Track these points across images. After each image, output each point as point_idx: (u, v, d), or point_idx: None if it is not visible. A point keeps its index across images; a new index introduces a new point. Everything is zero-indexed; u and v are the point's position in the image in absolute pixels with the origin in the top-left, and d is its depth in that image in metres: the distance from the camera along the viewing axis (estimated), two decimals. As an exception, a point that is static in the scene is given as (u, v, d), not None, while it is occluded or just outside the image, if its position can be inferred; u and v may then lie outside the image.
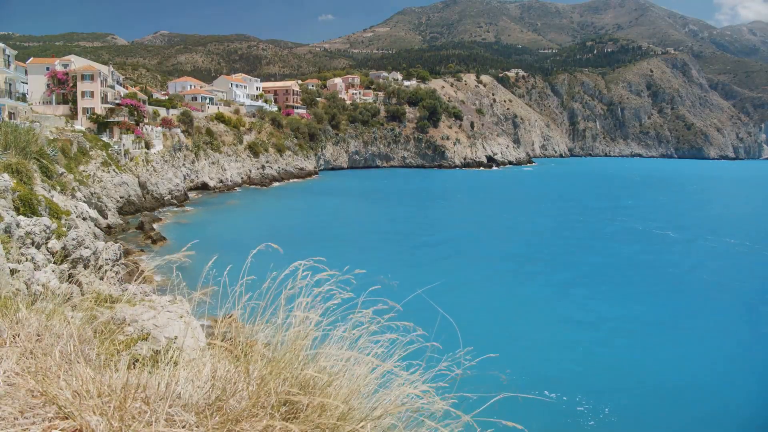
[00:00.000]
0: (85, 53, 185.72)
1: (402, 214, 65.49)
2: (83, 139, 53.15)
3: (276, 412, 2.71)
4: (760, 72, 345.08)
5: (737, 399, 21.17)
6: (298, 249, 36.07)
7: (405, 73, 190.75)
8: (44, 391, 2.47)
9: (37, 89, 62.47)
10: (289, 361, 3.01)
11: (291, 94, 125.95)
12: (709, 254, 46.71)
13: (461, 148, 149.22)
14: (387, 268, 36.55)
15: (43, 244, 18.00)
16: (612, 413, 19.09)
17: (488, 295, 33.26)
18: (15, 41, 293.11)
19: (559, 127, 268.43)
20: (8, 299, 3.97)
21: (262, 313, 3.34)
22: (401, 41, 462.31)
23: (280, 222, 57.29)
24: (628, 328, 28.17)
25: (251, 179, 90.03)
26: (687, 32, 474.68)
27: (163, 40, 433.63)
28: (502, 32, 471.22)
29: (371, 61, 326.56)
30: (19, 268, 13.30)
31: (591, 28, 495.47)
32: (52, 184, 35.37)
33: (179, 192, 65.36)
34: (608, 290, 35.01)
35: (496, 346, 24.25)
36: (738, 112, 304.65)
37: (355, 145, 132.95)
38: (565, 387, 20.78)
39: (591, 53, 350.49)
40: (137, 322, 6.63)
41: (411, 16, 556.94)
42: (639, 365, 23.73)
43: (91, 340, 3.58)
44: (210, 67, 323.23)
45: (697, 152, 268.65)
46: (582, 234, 54.50)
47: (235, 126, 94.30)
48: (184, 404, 2.68)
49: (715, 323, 29.31)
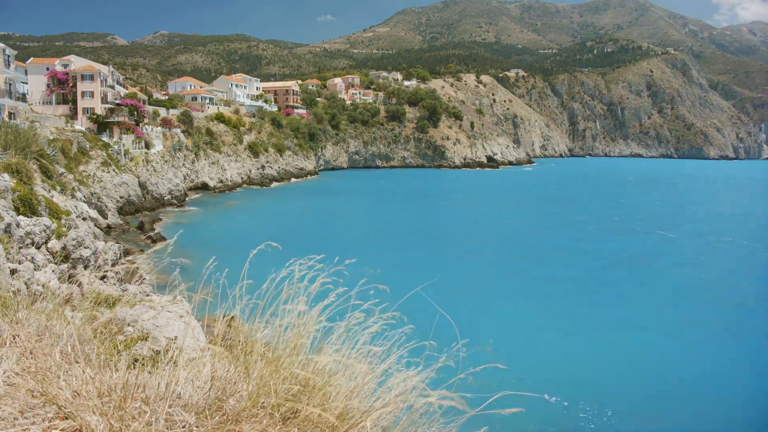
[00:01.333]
0: (85, 53, 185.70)
1: (402, 214, 65.49)
2: (83, 139, 53.15)
3: (276, 412, 2.71)
4: (760, 72, 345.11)
5: (739, 399, 21.16)
6: (298, 249, 36.03)
7: (405, 73, 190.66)
8: (44, 391, 2.48)
9: (37, 89, 62.42)
10: (289, 360, 3.02)
11: (291, 94, 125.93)
12: (709, 254, 46.72)
13: (461, 148, 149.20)
14: (387, 268, 36.58)
15: (43, 244, 18.00)
16: (613, 414, 19.09)
17: (488, 295, 33.26)
18: (15, 41, 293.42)
19: (559, 127, 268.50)
20: (8, 299, 3.97)
21: (261, 313, 3.35)
22: (401, 41, 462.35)
23: (280, 222, 57.29)
24: (629, 328, 28.16)
25: (251, 179, 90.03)
26: (687, 32, 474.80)
27: (163, 40, 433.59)
28: (502, 32, 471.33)
29: (371, 62, 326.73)
30: (19, 268, 13.31)
31: (591, 28, 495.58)
32: (52, 184, 35.36)
33: (179, 192, 65.36)
34: (609, 291, 35.00)
35: (495, 344, 24.26)
36: (738, 112, 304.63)
37: (355, 145, 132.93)
38: (566, 387, 20.77)
39: (591, 53, 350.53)
40: (137, 322, 6.63)
41: (411, 16, 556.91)
42: (639, 366, 23.72)
43: (91, 340, 3.58)
44: (210, 67, 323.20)
45: (697, 152, 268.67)
46: (583, 234, 54.49)
47: (235, 126, 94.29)
48: (184, 404, 2.68)
49: (723, 322, 29.30)
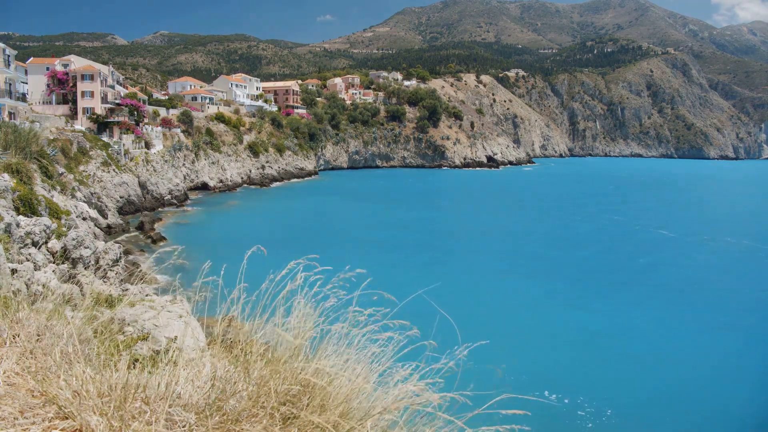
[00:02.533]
0: (85, 53, 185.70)
1: (402, 215, 65.47)
2: (83, 139, 53.15)
3: (276, 412, 2.71)
4: (760, 72, 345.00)
5: (740, 400, 21.15)
6: (298, 249, 36.05)
7: (405, 73, 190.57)
8: (44, 391, 2.48)
9: (37, 89, 62.42)
10: (289, 361, 3.02)
11: (291, 94, 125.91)
12: (709, 255, 46.71)
13: (461, 148, 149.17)
14: (387, 268, 36.56)
15: (43, 244, 18.00)
16: (614, 415, 19.09)
17: (488, 296, 33.25)
18: (15, 41, 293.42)
19: (559, 127, 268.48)
20: (8, 299, 3.97)
21: (261, 313, 3.35)
22: (401, 41, 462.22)
23: (280, 222, 57.29)
24: (631, 328, 28.16)
25: (251, 179, 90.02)
26: (687, 32, 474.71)
27: (163, 40, 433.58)
28: (502, 32, 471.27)
29: (371, 61, 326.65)
30: (19, 268, 13.31)
31: (591, 28, 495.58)
32: (52, 184, 35.37)
33: (179, 192, 65.36)
34: (610, 291, 35.00)
35: (497, 346, 24.27)
36: (738, 112, 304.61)
37: (355, 145, 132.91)
38: (566, 388, 20.78)
39: (591, 53, 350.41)
40: (137, 322, 6.63)
41: (411, 16, 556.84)
42: (641, 366, 23.72)
43: (91, 340, 3.58)
44: (210, 67, 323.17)
45: (697, 152, 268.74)
46: (583, 234, 54.48)
47: (235, 126, 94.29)
48: (184, 404, 2.68)
49: (722, 323, 29.29)
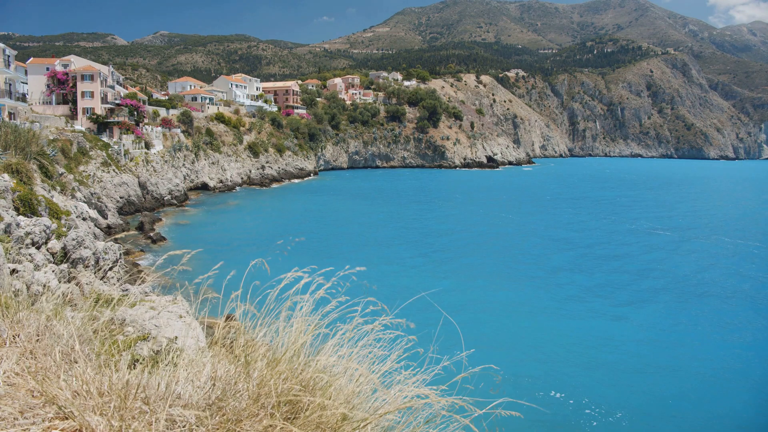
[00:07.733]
0: (85, 53, 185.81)
1: (402, 215, 65.48)
2: (83, 139, 53.14)
3: (277, 412, 2.70)
4: (760, 72, 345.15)
5: (740, 400, 21.14)
6: (298, 249, 36.17)
7: (405, 73, 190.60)
8: (44, 391, 2.47)
9: (37, 89, 62.43)
10: (290, 361, 3.01)
11: (291, 94, 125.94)
12: (711, 256, 46.69)
13: (461, 149, 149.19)
14: (388, 270, 36.57)
15: (43, 244, 17.99)
16: (616, 419, 19.07)
17: (489, 297, 33.24)
18: (15, 41, 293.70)
19: (559, 127, 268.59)
20: (8, 299, 3.96)
21: (262, 314, 3.34)
22: (401, 41, 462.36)
23: (280, 222, 57.30)
24: (631, 329, 28.16)
25: (251, 179, 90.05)
26: (687, 32, 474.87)
27: (163, 40, 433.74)
28: (502, 32, 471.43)
29: (371, 62, 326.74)
30: (19, 268, 13.30)
31: (591, 28, 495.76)
32: (52, 185, 35.36)
33: (179, 192, 65.36)
34: (611, 293, 34.99)
35: (498, 348, 24.27)
36: (738, 112, 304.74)
37: (355, 145, 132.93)
38: (566, 389, 20.77)
39: (591, 53, 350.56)
40: (137, 322, 6.62)
41: (411, 16, 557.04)
42: (642, 367, 23.71)
43: (91, 340, 3.57)
44: (210, 67, 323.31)
45: (697, 152, 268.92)
46: (583, 235, 54.47)
47: (235, 126, 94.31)
48: (185, 404, 2.67)
49: (722, 323, 29.29)
